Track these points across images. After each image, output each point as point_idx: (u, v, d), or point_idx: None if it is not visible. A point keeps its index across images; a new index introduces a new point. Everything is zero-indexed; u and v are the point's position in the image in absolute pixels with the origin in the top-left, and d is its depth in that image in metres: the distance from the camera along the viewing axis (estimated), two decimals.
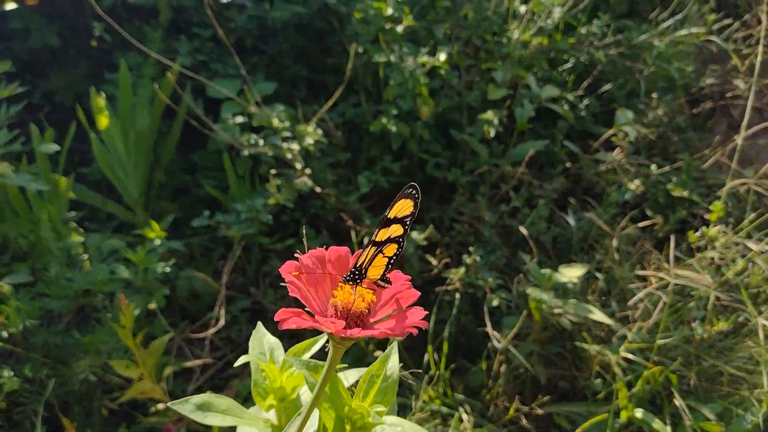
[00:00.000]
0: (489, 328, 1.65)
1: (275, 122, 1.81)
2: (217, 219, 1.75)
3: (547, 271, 1.61)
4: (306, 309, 0.59)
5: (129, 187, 2.05)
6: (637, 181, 2.09)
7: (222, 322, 1.62)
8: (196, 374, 1.68)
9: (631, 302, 1.64)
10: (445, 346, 1.60)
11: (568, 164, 2.24)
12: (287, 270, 0.60)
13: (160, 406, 1.56)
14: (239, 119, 1.87)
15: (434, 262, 1.83)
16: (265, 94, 2.09)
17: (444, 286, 1.76)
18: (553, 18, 2.11)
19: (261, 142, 1.82)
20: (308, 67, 2.41)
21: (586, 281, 1.82)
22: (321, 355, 0.75)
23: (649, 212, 2.13)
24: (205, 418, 0.63)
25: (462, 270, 1.71)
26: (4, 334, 1.54)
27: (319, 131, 1.85)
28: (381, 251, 0.61)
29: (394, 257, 0.62)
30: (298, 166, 1.90)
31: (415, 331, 0.54)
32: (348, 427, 0.61)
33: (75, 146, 2.22)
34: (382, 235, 0.62)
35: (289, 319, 0.53)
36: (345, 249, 0.63)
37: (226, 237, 2.07)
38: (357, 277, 0.60)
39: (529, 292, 1.57)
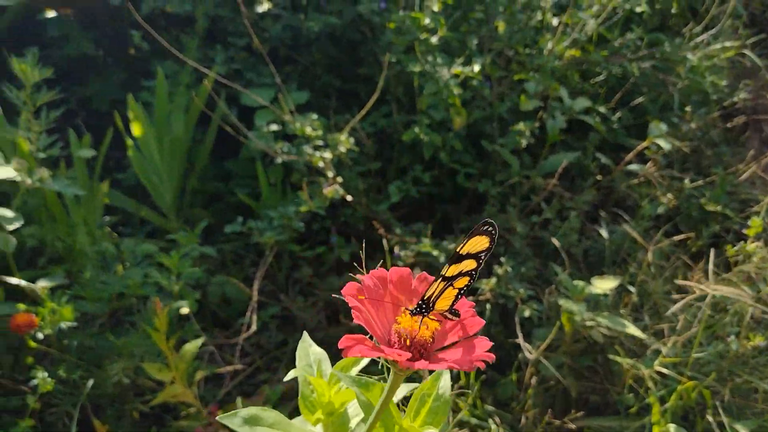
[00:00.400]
0: (520, 339, 1.63)
1: (308, 130, 1.82)
2: (249, 225, 1.77)
3: (579, 282, 1.60)
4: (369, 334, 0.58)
5: (163, 193, 2.08)
6: (669, 195, 2.07)
7: (254, 328, 1.63)
8: (227, 380, 1.69)
9: (669, 312, 1.62)
10: None
11: (599, 177, 2.23)
12: (350, 292, 0.59)
13: (192, 409, 1.57)
14: (273, 127, 1.89)
15: None
16: (298, 103, 2.11)
17: (475, 296, 1.76)
18: (586, 30, 2.10)
19: (294, 150, 1.84)
20: (340, 77, 2.43)
21: (619, 295, 1.80)
22: (366, 369, 0.75)
23: (682, 227, 2.10)
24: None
25: (493, 280, 1.71)
26: (40, 335, 1.56)
27: (352, 140, 1.86)
28: (451, 284, 0.60)
29: (465, 288, 0.61)
30: (330, 174, 1.91)
31: (482, 365, 0.53)
32: None
33: (110, 152, 2.26)
34: (453, 270, 0.61)
35: (353, 347, 0.52)
36: (407, 270, 0.62)
37: (257, 244, 2.08)
38: (424, 309, 0.60)
39: (562, 303, 1.56)
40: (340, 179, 1.91)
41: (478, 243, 0.62)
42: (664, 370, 1.53)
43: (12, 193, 1.82)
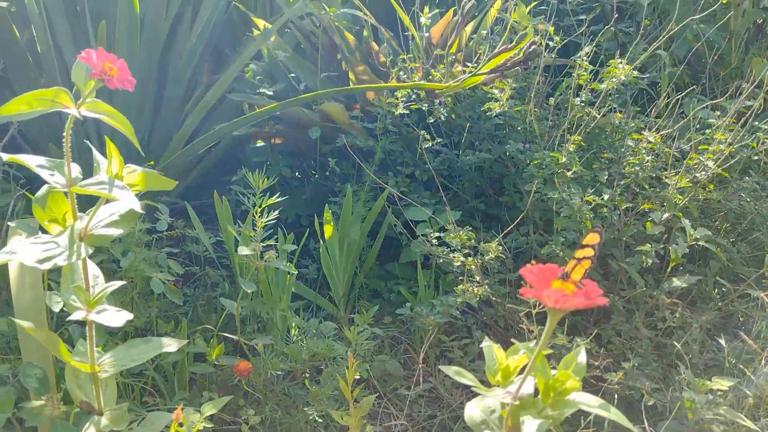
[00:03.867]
0: (646, 424, 1.87)
1: (465, 238, 2.25)
2: (416, 310, 2.17)
3: (701, 379, 1.84)
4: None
5: (338, 286, 2.55)
6: None
7: (420, 387, 1.98)
8: None
9: None
10: None
11: (719, 303, 2.47)
12: (525, 269, 0.96)
13: None
14: (436, 234, 2.34)
15: (596, 364, 2.11)
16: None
17: (603, 384, 2.02)
18: (706, 171, 2.45)
19: (452, 254, 2.27)
20: (484, 202, 2.88)
21: (737, 400, 2.00)
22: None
23: None
24: (461, 379, 0.99)
25: (621, 373, 1.98)
26: (253, 382, 1.99)
27: (500, 248, 2.26)
28: (579, 263, 0.98)
29: (587, 270, 0.99)
30: (478, 277, 2.30)
31: (604, 301, 0.86)
32: (551, 393, 0.95)
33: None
34: (579, 252, 1.00)
35: (527, 293, 0.89)
36: (555, 266, 0.99)
37: (411, 334, 2.47)
38: (566, 276, 0.98)
39: (684, 395, 1.80)
40: (487, 281, 2.29)
41: (593, 238, 1.02)
42: None
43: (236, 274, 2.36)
